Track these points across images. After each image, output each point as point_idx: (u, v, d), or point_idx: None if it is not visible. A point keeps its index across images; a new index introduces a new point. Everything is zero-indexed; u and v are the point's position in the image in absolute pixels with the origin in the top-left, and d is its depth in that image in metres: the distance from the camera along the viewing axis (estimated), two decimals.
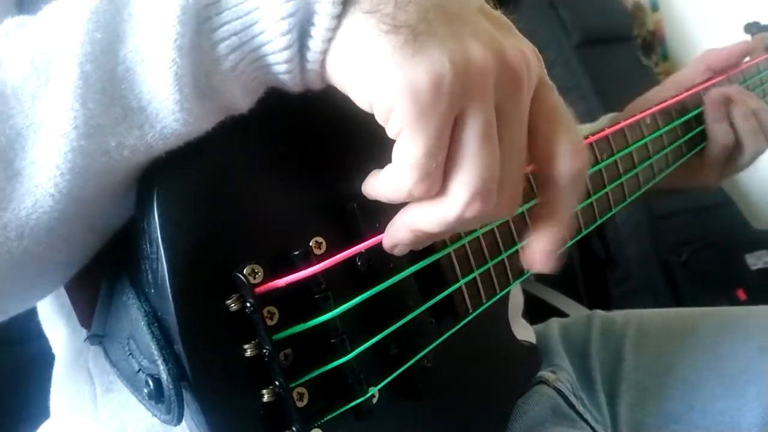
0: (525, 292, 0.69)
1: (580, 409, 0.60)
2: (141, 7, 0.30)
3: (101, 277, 0.38)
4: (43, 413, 0.51)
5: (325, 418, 0.34)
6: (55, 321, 0.49)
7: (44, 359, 0.51)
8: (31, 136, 0.30)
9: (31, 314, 0.50)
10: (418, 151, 0.29)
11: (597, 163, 0.55)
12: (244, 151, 0.34)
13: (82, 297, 0.40)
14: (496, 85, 0.30)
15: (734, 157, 0.72)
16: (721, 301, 1.41)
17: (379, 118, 0.30)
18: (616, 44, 1.86)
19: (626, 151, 0.59)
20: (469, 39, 0.30)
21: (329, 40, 0.30)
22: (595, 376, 0.65)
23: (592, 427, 0.59)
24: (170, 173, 0.32)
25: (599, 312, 0.75)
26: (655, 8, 2.06)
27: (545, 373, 0.61)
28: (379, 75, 0.29)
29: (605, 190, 0.56)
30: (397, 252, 0.35)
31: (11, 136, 0.30)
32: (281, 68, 0.30)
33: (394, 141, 0.31)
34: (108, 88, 0.29)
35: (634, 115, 0.61)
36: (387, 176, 0.31)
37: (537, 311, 0.86)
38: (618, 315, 0.73)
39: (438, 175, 0.30)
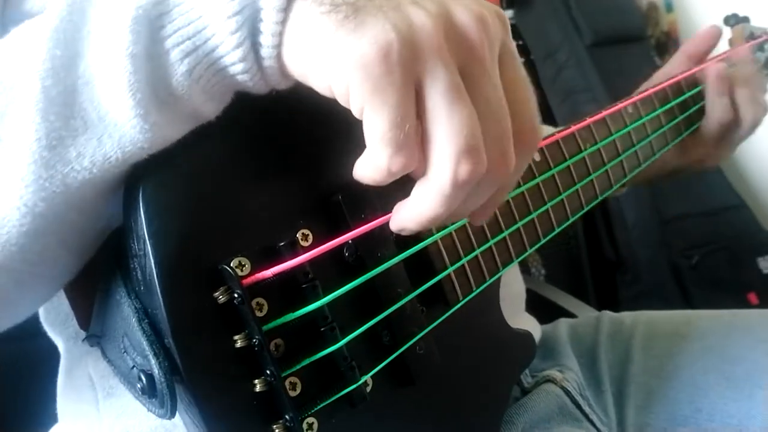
0: (534, 293, 0.69)
1: (586, 409, 0.60)
2: (99, 24, 0.30)
3: (98, 280, 0.38)
4: (53, 413, 0.51)
5: (319, 407, 0.35)
6: (51, 332, 0.50)
7: (53, 354, 0.52)
8: (1, 153, 0.31)
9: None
10: (383, 124, 0.29)
11: (594, 144, 0.57)
12: (229, 147, 0.35)
13: (80, 300, 0.41)
14: (451, 48, 0.30)
15: (732, 130, 0.73)
16: (731, 304, 1.39)
17: (341, 100, 0.30)
18: (630, 44, 1.84)
19: (623, 131, 0.60)
20: (412, 7, 0.30)
21: (280, 34, 0.30)
22: (602, 377, 0.65)
23: (597, 428, 0.59)
24: (155, 171, 0.32)
25: (608, 313, 0.75)
26: (669, 8, 2.05)
27: (553, 372, 0.61)
28: (329, 56, 0.29)
29: (605, 168, 0.57)
30: (405, 233, 0.35)
31: None
32: (237, 68, 0.31)
33: None
34: (69, 101, 0.30)
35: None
36: (365, 158, 0.31)
37: (546, 313, 0.86)
38: (627, 316, 0.73)
39: (412, 146, 0.30)
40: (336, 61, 0.29)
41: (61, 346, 0.50)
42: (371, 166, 0.31)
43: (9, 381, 0.69)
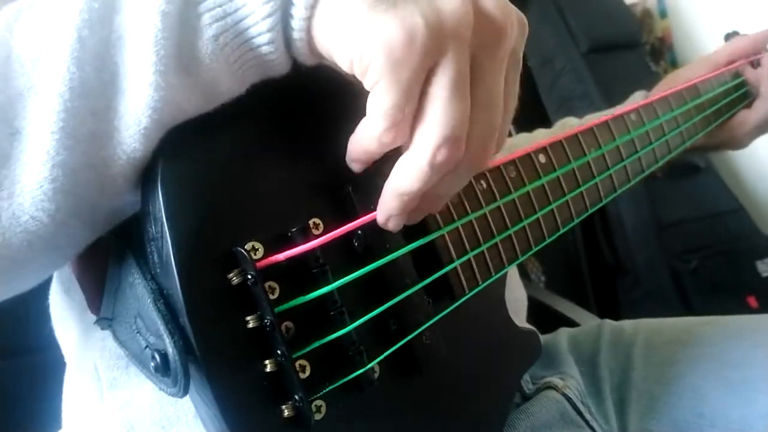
0: (534, 300, 0.69)
1: (588, 416, 0.60)
2: None
3: (108, 263, 0.39)
4: (54, 425, 0.52)
5: (327, 389, 0.36)
6: (64, 326, 0.50)
7: (56, 368, 0.52)
8: (32, 97, 0.32)
9: (44, 322, 0.52)
10: (389, 101, 0.31)
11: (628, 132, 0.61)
12: (245, 137, 0.36)
13: (91, 284, 0.42)
14: (474, 35, 0.31)
15: None
16: (731, 308, 1.40)
17: (358, 73, 0.31)
18: (625, 51, 1.86)
19: (627, 137, 0.62)
20: None
21: (312, 6, 0.31)
22: (603, 385, 0.65)
23: None
24: (174, 157, 0.33)
25: (608, 321, 0.75)
26: (663, 15, 2.06)
27: (554, 379, 0.61)
28: (357, 32, 0.30)
29: (610, 171, 0.59)
30: (391, 225, 0.37)
31: (12, 96, 0.32)
32: (264, 38, 0.32)
33: None
34: (102, 52, 0.31)
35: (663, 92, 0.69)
36: (360, 127, 0.33)
37: (546, 319, 0.86)
38: (627, 324, 0.73)
39: (405, 125, 0.32)
40: (363, 39, 0.30)
41: (71, 341, 0.50)
42: (364, 135, 0.33)
43: (11, 395, 0.69)
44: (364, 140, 0.33)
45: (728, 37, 0.91)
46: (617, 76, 1.73)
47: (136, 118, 0.32)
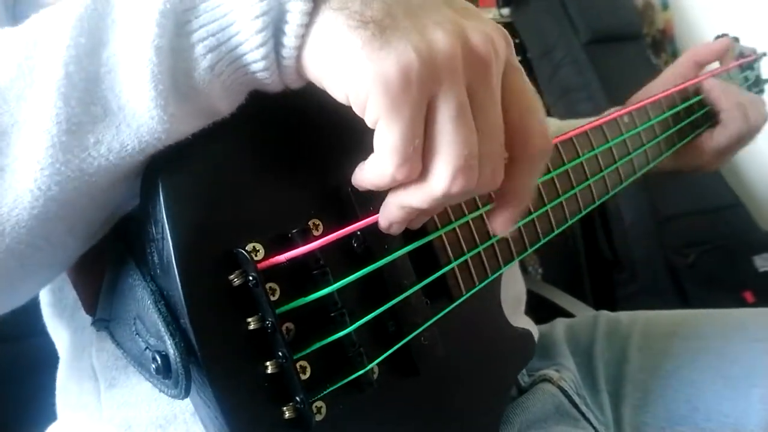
0: (531, 292, 0.69)
1: (583, 408, 0.60)
2: (124, 14, 0.31)
3: (105, 265, 0.39)
4: (50, 414, 0.52)
5: (327, 390, 0.36)
6: (57, 324, 0.50)
7: (51, 354, 0.52)
8: (15, 134, 0.31)
9: (37, 309, 0.52)
10: (395, 137, 0.31)
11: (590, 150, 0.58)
12: (245, 139, 0.36)
13: (86, 285, 0.42)
14: (464, 69, 0.32)
15: (743, 140, 0.76)
16: (727, 303, 1.40)
17: (356, 109, 0.32)
18: (626, 43, 1.85)
19: (618, 139, 0.62)
20: (434, 28, 0.31)
21: (302, 36, 0.31)
22: (599, 377, 0.65)
23: (594, 427, 0.59)
24: (175, 158, 0.33)
25: (605, 313, 0.75)
26: (665, 7, 2.06)
27: (549, 372, 0.61)
28: (352, 68, 0.30)
29: (602, 174, 0.59)
30: (393, 231, 0.37)
31: None
32: (258, 66, 0.32)
33: None
34: (91, 87, 0.31)
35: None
36: (371, 164, 0.33)
37: (543, 311, 0.87)
38: (623, 316, 0.73)
39: (417, 159, 0.32)
40: (358, 75, 0.30)
41: (65, 339, 0.50)
42: (376, 172, 0.33)
43: (5, 382, 0.69)
44: (376, 178, 0.33)
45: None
46: (618, 68, 1.73)
47: (140, 150, 0.32)
